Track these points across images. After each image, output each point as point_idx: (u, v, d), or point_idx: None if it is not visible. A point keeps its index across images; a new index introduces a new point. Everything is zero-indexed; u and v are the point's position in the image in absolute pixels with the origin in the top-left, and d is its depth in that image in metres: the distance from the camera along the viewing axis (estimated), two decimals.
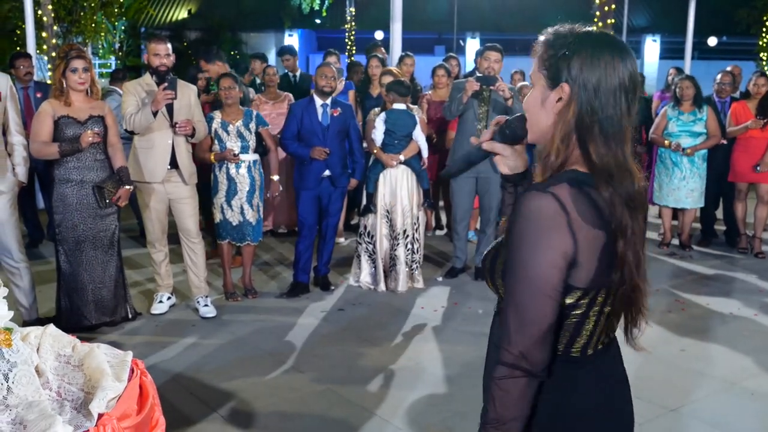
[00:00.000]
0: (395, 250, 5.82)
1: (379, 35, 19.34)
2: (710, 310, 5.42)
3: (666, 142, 6.88)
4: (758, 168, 6.83)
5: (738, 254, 7.09)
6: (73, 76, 4.61)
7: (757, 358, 4.46)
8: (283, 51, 8.70)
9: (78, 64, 4.61)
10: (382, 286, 5.80)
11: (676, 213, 7.44)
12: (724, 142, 6.99)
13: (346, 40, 21.84)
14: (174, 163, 5.02)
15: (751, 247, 7.08)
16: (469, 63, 20.09)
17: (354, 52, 20.86)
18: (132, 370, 2.05)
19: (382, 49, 8.73)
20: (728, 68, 7.62)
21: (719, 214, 7.68)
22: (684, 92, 6.82)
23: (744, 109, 6.95)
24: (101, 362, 1.98)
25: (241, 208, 5.36)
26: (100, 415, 1.79)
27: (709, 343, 4.72)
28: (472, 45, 23.93)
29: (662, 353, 4.55)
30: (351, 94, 7.27)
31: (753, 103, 6.93)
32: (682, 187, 6.92)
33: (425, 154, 6.02)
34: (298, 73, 8.37)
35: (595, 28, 1.52)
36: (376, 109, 6.00)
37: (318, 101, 5.54)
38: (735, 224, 7.23)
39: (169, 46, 5.05)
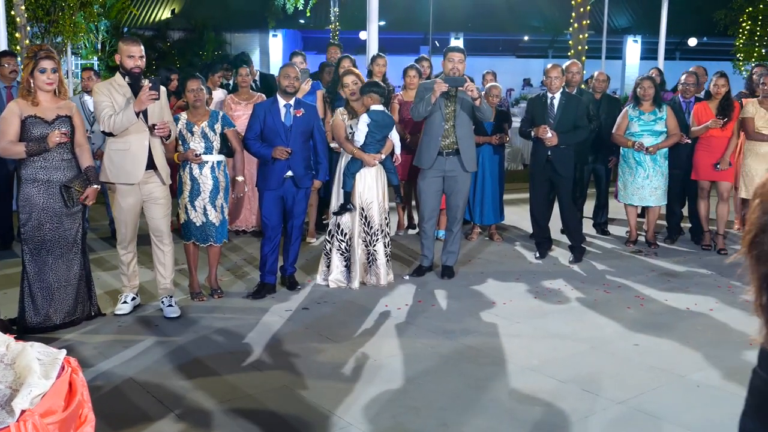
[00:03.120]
0: (374, 246, 5.91)
1: (363, 35, 19.38)
2: (668, 306, 5.52)
3: (629, 142, 7.00)
4: (718, 166, 6.96)
5: (702, 251, 7.22)
6: (41, 77, 4.66)
7: (707, 351, 4.56)
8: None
9: (46, 64, 4.66)
10: (356, 284, 5.89)
11: (644, 211, 7.58)
12: (688, 141, 7.11)
13: (331, 40, 21.90)
14: (151, 165, 5.07)
15: (715, 244, 7.21)
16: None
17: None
18: (63, 368, 2.11)
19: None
20: (692, 69, 7.74)
21: (685, 211, 7.79)
22: (645, 92, 6.96)
23: (705, 110, 7.07)
24: (30, 360, 2.04)
25: (204, 208, 5.42)
26: (23, 411, 1.85)
27: (663, 338, 4.82)
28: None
29: (616, 348, 4.65)
30: (319, 94, 7.34)
31: (714, 103, 7.06)
32: (646, 185, 7.05)
33: (398, 151, 6.13)
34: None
35: (571, 28, 1.56)
36: (342, 109, 6.08)
37: (281, 101, 5.61)
38: (699, 222, 7.36)
39: (143, 47, 5.08)
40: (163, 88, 5.29)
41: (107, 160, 5.06)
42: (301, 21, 23.69)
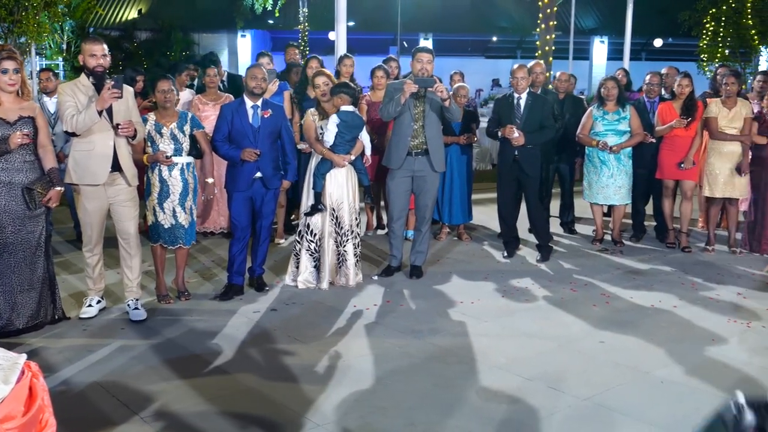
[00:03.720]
0: (344, 246, 5.91)
1: (332, 35, 19.36)
2: (633, 303, 5.60)
3: (593, 141, 7.09)
4: (682, 165, 7.08)
5: (666, 249, 7.33)
6: (3, 77, 4.60)
7: (671, 348, 4.63)
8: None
9: (8, 65, 4.60)
10: (325, 284, 5.88)
11: (610, 209, 7.67)
12: (653, 140, 7.22)
13: (300, 41, 21.84)
14: (116, 166, 5.02)
15: (679, 242, 7.32)
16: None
17: (307, 52, 20.85)
18: (23, 372, 2.08)
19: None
20: (664, 69, 7.85)
21: (650, 210, 7.90)
22: (609, 92, 7.06)
23: (669, 109, 7.18)
24: None
25: (173, 210, 5.37)
26: None
27: (628, 335, 4.89)
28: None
29: (582, 346, 4.71)
30: (286, 94, 7.32)
31: (678, 103, 7.17)
32: (611, 184, 7.15)
33: (369, 152, 6.13)
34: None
35: (538, 29, 1.58)
36: (312, 110, 6.07)
37: (248, 102, 5.58)
38: (663, 220, 7.48)
39: (105, 46, 5.03)
40: (130, 89, 5.24)
41: (72, 162, 5.00)
42: (270, 21, 23.59)
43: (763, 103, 7.07)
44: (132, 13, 24.56)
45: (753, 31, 18.60)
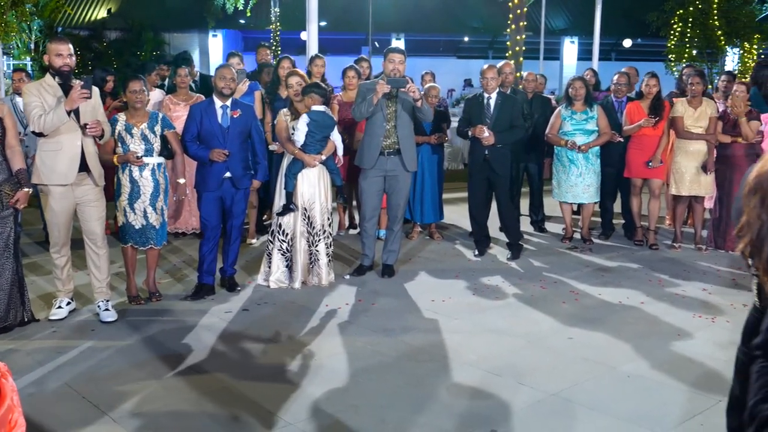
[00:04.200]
0: (316, 246, 5.93)
1: (304, 35, 19.34)
2: (602, 300, 5.69)
3: (562, 141, 7.19)
4: (650, 164, 7.20)
5: (634, 246, 7.45)
6: None
7: (638, 343, 4.72)
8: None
9: None
10: (297, 284, 5.89)
11: (580, 208, 7.77)
12: (621, 140, 7.33)
13: (272, 41, 21.77)
14: (84, 166, 4.98)
15: (646, 239, 7.44)
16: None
17: (279, 52, 20.79)
18: None
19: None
20: (624, 69, 7.99)
21: (617, 208, 8.01)
22: (576, 92, 7.16)
23: (637, 109, 7.30)
24: None
25: (144, 211, 5.35)
26: None
27: (596, 332, 4.96)
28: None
29: (551, 342, 4.78)
30: (257, 94, 7.32)
31: (646, 102, 7.29)
32: (579, 183, 7.24)
33: (340, 152, 6.15)
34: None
35: (509, 29, 1.61)
36: (285, 110, 6.08)
37: (218, 103, 5.58)
38: (631, 218, 7.59)
39: (71, 46, 4.99)
40: (96, 89, 5.21)
41: (39, 162, 4.96)
42: (242, 21, 23.48)
43: (727, 103, 7.21)
44: (101, 13, 24.29)
45: (719, 32, 18.92)
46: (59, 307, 5.14)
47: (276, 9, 22.28)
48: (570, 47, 26.23)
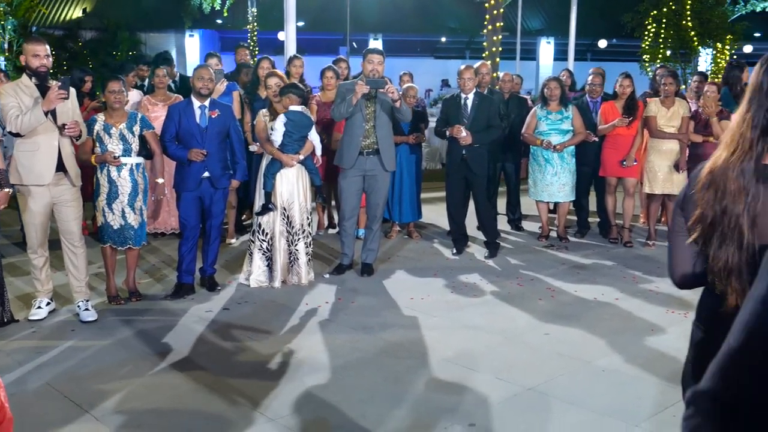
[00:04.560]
0: (295, 245, 5.97)
1: (281, 36, 19.33)
2: (577, 297, 5.79)
3: (538, 140, 7.29)
4: (625, 163, 7.33)
5: (609, 244, 7.57)
6: None
7: (612, 339, 4.82)
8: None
9: None
10: (277, 283, 5.93)
11: (556, 207, 7.88)
12: (596, 139, 7.45)
13: (249, 41, 21.71)
14: (60, 166, 4.99)
15: (621, 237, 7.57)
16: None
17: (257, 52, 20.75)
18: None
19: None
20: (591, 70, 8.10)
21: (593, 206, 8.13)
22: (551, 92, 7.27)
23: (612, 109, 7.42)
24: None
25: (123, 211, 5.36)
26: None
27: (572, 327, 5.06)
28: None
29: (527, 338, 4.86)
30: (235, 95, 7.34)
31: (620, 102, 7.42)
32: (555, 182, 7.35)
33: (319, 152, 6.20)
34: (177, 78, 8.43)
35: (486, 30, 1.68)
36: (264, 110, 6.13)
37: (196, 103, 5.62)
38: (606, 216, 7.72)
39: (48, 46, 4.99)
40: (72, 89, 5.21)
41: (16, 162, 4.96)
42: (219, 21, 23.38)
43: (699, 103, 7.35)
44: (76, 12, 24.08)
45: (692, 33, 19.19)
46: (39, 307, 5.14)
47: (253, 9, 22.23)
48: (546, 47, 26.44)
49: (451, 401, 3.89)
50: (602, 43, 25.35)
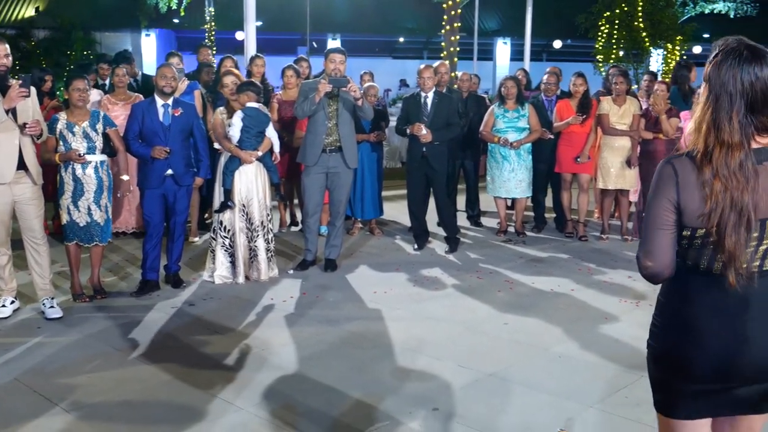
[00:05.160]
0: (255, 241, 6.06)
1: (240, 35, 19.25)
2: (534, 288, 5.98)
3: (495, 138, 7.49)
4: (579, 160, 7.56)
5: (565, 238, 7.80)
6: None
7: (568, 327, 5.02)
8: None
9: None
10: (241, 279, 6.01)
11: (514, 203, 8.08)
12: (551, 136, 7.67)
13: (206, 41, 21.60)
14: (21, 164, 4.99)
15: (576, 232, 7.81)
16: None
17: (215, 52, 20.66)
18: None
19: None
20: (548, 69, 8.34)
21: (549, 202, 8.36)
22: (508, 91, 7.48)
23: (567, 107, 7.65)
24: None
25: (88, 208, 5.39)
26: None
27: (529, 317, 5.25)
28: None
29: (487, 328, 5.03)
30: (197, 93, 7.39)
31: (574, 101, 7.65)
32: (512, 178, 7.56)
33: (277, 149, 6.30)
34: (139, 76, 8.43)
35: (443, 30, 1.80)
36: (222, 108, 6.21)
37: (159, 101, 5.68)
38: (562, 211, 7.95)
39: (7, 46, 4.99)
40: (33, 88, 5.22)
41: None
42: (175, 21, 23.19)
43: (649, 101, 7.62)
44: (29, 11, 23.67)
45: (644, 34, 19.68)
46: (3, 305, 5.13)
47: (210, 8, 22.13)
48: (503, 48, 26.80)
49: (415, 388, 4.03)
50: (557, 44, 25.80)
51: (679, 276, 2.12)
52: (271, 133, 6.20)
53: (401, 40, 27.54)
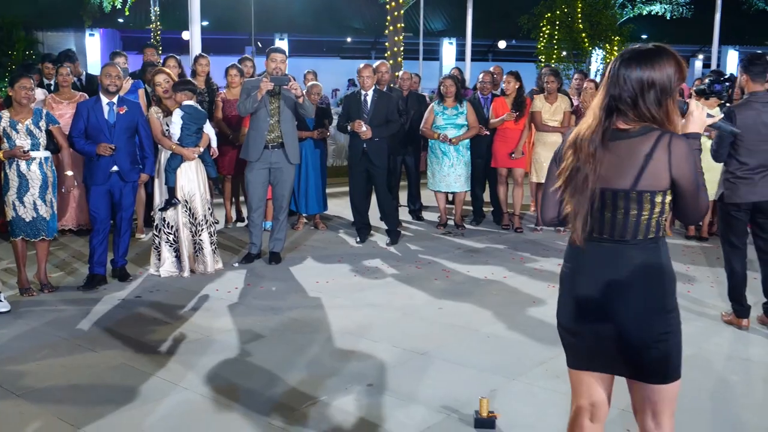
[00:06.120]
0: (199, 235, 6.24)
1: (186, 35, 19.22)
2: (470, 276, 6.30)
3: (435, 134, 7.80)
4: (513, 155, 7.92)
5: (502, 230, 8.15)
6: None
7: (498, 310, 5.33)
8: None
9: None
10: (186, 272, 6.19)
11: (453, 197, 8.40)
12: (487, 133, 8.01)
13: (152, 40, 21.50)
14: None
15: (512, 224, 8.17)
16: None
17: (161, 52, 20.55)
18: None
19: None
20: (491, 69, 8.70)
21: (487, 196, 8.71)
22: (447, 90, 7.79)
23: (502, 104, 8.00)
24: None
25: (34, 204, 5.51)
26: None
27: (463, 302, 5.55)
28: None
29: (423, 313, 5.32)
30: (141, 92, 7.53)
31: (509, 99, 8.00)
32: (451, 173, 7.87)
33: (215, 144, 6.50)
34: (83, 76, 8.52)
35: (387, 31, 2.05)
36: (156, 108, 6.37)
37: (104, 100, 5.82)
38: (499, 204, 8.30)
39: None
40: None
41: None
42: (120, 20, 23.03)
43: (580, 99, 8.02)
44: None
45: (584, 35, 20.30)
46: None
47: (156, 8, 22.02)
48: (449, 48, 27.24)
49: (352, 366, 4.28)
50: (502, 44, 26.37)
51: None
52: (208, 129, 6.41)
53: (349, 40, 27.79)
